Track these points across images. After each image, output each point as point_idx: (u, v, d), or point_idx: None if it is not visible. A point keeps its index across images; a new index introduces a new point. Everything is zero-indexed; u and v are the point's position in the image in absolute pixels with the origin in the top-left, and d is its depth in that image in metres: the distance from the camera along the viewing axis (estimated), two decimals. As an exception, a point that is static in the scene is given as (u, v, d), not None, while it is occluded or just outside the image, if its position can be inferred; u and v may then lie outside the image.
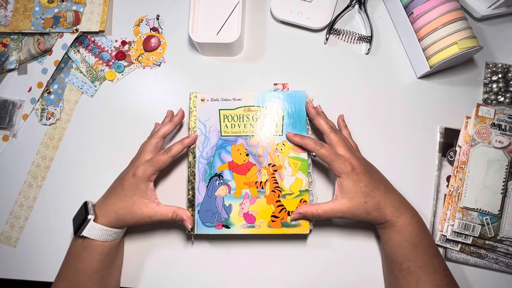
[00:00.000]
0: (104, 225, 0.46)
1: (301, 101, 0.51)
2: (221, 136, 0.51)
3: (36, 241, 0.55)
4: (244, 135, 0.50)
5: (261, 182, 0.49)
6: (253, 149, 0.50)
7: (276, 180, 0.49)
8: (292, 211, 0.48)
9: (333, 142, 0.47)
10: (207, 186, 0.49)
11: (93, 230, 0.45)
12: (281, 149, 0.50)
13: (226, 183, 0.49)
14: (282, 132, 0.50)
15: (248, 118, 0.51)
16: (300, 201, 0.48)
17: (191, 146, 0.51)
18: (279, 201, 0.49)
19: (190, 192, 0.50)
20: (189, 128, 0.51)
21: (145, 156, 0.48)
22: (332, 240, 0.52)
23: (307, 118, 0.51)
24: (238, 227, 0.48)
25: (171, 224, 0.53)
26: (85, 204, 0.47)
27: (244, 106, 0.51)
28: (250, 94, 0.51)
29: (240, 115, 0.51)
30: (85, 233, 0.45)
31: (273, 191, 0.49)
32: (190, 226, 0.48)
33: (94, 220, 0.45)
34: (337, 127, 0.53)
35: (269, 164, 0.50)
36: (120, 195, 0.47)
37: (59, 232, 0.55)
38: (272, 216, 0.48)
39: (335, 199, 0.46)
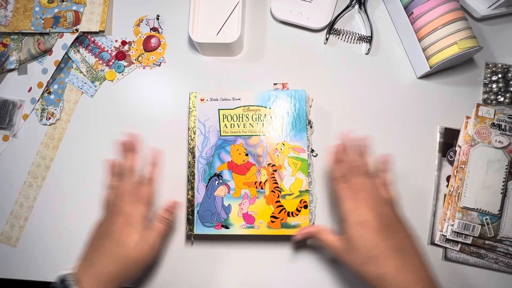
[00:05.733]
0: None
1: (301, 101, 0.51)
2: (221, 136, 0.51)
3: (36, 241, 0.55)
4: (244, 135, 0.50)
5: (260, 182, 0.49)
6: (253, 149, 0.50)
7: (275, 180, 0.49)
8: (292, 212, 0.48)
9: (354, 186, 0.42)
10: (206, 186, 0.49)
11: None
12: (281, 149, 0.50)
13: (226, 183, 0.49)
14: (282, 131, 0.50)
15: (247, 117, 0.51)
16: (300, 201, 0.48)
17: (191, 146, 0.51)
18: (279, 201, 0.48)
19: (190, 192, 0.50)
20: (188, 128, 0.51)
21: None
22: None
23: (307, 118, 0.51)
24: (238, 227, 0.48)
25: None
26: (62, 281, 0.38)
27: (244, 106, 0.51)
28: (250, 93, 0.51)
29: (239, 114, 0.51)
30: None
31: (272, 191, 0.49)
32: (175, 204, 0.47)
33: None
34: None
35: (269, 164, 0.49)
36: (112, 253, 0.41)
37: (59, 232, 0.55)
38: (271, 216, 0.48)
39: (340, 238, 0.41)
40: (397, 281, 0.36)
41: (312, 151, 0.53)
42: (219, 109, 0.51)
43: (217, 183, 0.49)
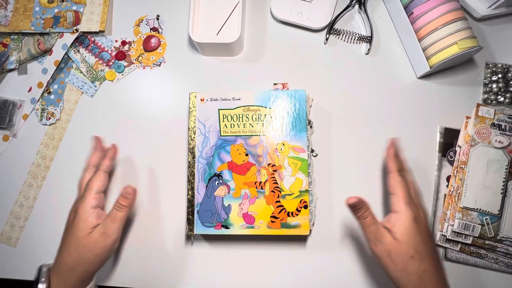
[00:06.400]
0: None
1: (301, 101, 0.51)
2: (221, 136, 0.51)
3: (36, 241, 0.55)
4: (244, 135, 0.50)
5: (260, 182, 0.49)
6: (253, 149, 0.50)
7: (275, 180, 0.49)
8: (292, 212, 0.48)
9: (408, 182, 0.44)
10: (206, 186, 0.49)
11: None
12: (281, 149, 0.50)
13: (226, 183, 0.49)
14: (282, 131, 0.50)
15: (247, 117, 0.51)
16: (300, 201, 0.48)
17: (191, 146, 0.51)
18: (279, 201, 0.48)
19: (190, 192, 0.50)
20: (188, 128, 0.51)
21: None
22: (332, 242, 0.52)
23: (307, 118, 0.51)
24: (238, 227, 0.48)
25: (170, 224, 0.53)
26: (39, 269, 0.43)
27: (244, 106, 0.51)
28: (250, 93, 0.51)
29: (239, 114, 0.51)
30: None
31: (272, 191, 0.49)
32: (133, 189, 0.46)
33: None
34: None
35: (269, 164, 0.49)
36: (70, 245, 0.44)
37: (59, 232, 0.55)
38: (271, 216, 0.48)
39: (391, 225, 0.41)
40: (433, 280, 0.39)
41: (312, 151, 0.53)
42: (219, 109, 0.51)
43: (217, 183, 0.49)
